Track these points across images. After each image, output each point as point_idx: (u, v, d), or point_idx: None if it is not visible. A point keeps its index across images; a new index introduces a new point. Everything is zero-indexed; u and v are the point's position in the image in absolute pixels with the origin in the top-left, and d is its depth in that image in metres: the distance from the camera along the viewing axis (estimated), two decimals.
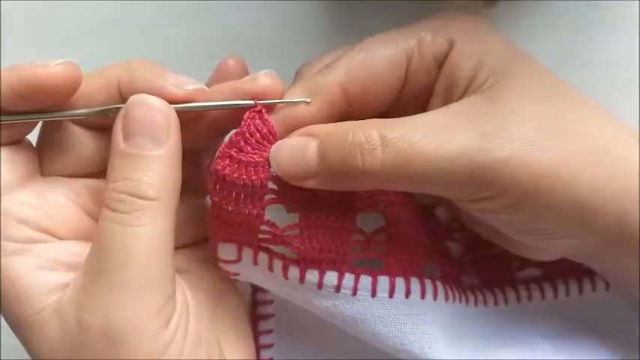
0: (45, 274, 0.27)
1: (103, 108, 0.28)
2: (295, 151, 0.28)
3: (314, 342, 0.35)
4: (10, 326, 0.28)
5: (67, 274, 0.27)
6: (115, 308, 0.26)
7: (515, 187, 0.26)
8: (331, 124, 0.28)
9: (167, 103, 0.27)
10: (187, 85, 0.28)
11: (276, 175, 0.28)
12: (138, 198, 0.26)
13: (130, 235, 0.26)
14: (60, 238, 0.28)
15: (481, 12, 0.37)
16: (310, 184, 0.28)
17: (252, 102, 0.28)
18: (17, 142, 0.29)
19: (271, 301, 0.35)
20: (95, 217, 0.30)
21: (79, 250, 0.28)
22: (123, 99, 0.28)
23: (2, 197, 0.27)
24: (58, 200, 0.29)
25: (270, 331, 0.35)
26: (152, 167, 0.27)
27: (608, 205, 0.28)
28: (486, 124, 0.27)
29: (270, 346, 0.35)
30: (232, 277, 0.32)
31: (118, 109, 0.27)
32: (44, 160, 0.29)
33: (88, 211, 0.30)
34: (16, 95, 0.27)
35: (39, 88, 0.26)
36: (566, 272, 0.35)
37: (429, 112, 0.28)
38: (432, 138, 0.26)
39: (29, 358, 0.28)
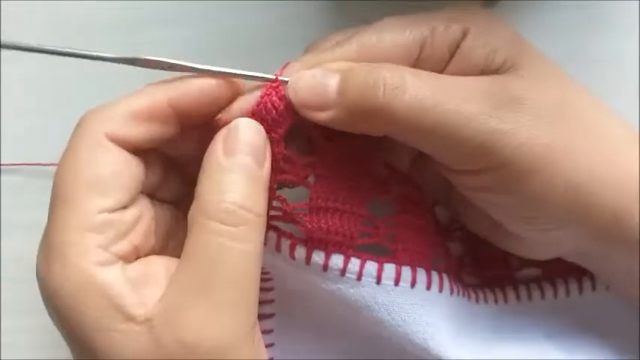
0: (133, 286, 0.26)
1: (131, 57, 0.28)
2: (316, 81, 0.27)
3: (314, 342, 0.35)
4: (73, 334, 0.26)
5: (149, 288, 0.26)
6: (219, 323, 0.25)
7: (515, 161, 0.27)
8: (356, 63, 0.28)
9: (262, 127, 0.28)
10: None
11: (288, 155, 0.29)
12: (247, 211, 0.26)
13: (240, 251, 0.26)
14: (142, 256, 0.28)
15: None
16: (324, 116, 0.27)
17: (272, 77, 0.28)
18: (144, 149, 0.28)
19: (272, 301, 0.35)
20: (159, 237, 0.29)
21: (156, 267, 0.27)
22: (176, 112, 0.28)
23: (119, 211, 0.27)
24: (149, 219, 0.29)
25: (270, 331, 0.35)
26: (255, 185, 0.27)
27: (607, 195, 0.28)
28: (502, 96, 0.27)
29: (270, 345, 0.35)
30: None
31: (146, 60, 0.28)
32: None
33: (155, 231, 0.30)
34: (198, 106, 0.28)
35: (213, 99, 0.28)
36: (565, 272, 0.35)
37: (452, 76, 0.28)
38: (454, 93, 0.27)
39: (29, 358, 0.28)
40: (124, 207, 0.27)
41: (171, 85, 0.28)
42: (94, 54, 0.28)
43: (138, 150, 0.28)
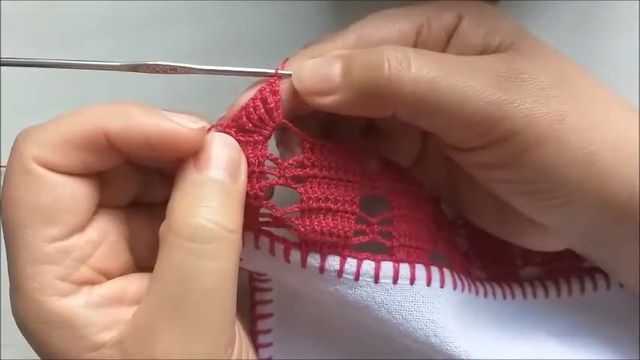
0: (97, 312, 0.25)
1: (133, 63, 0.27)
2: (319, 67, 0.27)
3: (313, 341, 0.35)
4: None
5: (116, 310, 0.26)
6: (189, 346, 0.24)
7: (523, 131, 0.27)
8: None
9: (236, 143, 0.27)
10: (189, 123, 0.26)
11: (275, 156, 0.28)
12: (218, 227, 0.25)
13: (210, 270, 0.25)
14: (109, 276, 0.27)
15: None
16: (331, 100, 0.27)
17: (272, 71, 0.28)
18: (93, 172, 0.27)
19: (270, 301, 0.35)
20: (132, 250, 0.28)
21: (124, 285, 0.27)
22: (114, 146, 0.26)
23: (70, 237, 0.25)
24: (113, 236, 0.27)
25: (269, 331, 0.35)
26: (229, 199, 0.26)
27: (621, 166, 0.28)
28: (505, 71, 0.27)
29: (269, 345, 0.35)
30: None
31: (149, 65, 0.27)
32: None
33: (129, 244, 0.28)
34: (147, 148, 0.25)
35: (172, 146, 0.26)
36: (567, 272, 0.35)
37: (454, 55, 0.29)
38: (458, 68, 0.27)
39: (29, 358, 0.28)
40: (79, 231, 0.25)
41: (111, 115, 0.25)
42: (96, 63, 0.28)
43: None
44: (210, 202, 0.25)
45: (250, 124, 0.28)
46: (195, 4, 0.39)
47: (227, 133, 0.27)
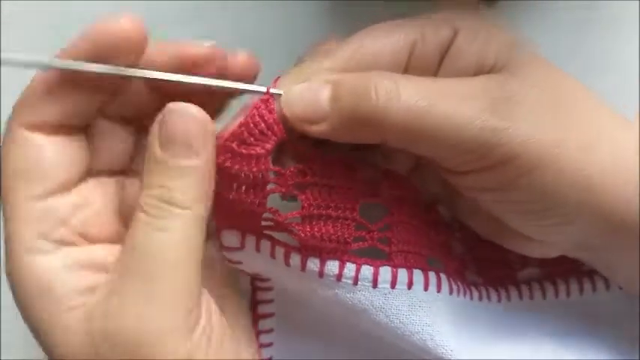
0: (73, 275, 0.27)
1: (116, 69, 0.27)
2: (308, 93, 0.27)
3: (314, 341, 0.35)
4: (29, 327, 0.27)
5: (94, 276, 0.27)
6: (144, 313, 0.25)
7: (519, 156, 0.26)
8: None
9: (205, 113, 0.27)
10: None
11: (278, 168, 0.28)
12: (171, 205, 0.26)
13: (162, 239, 0.26)
14: (91, 241, 0.28)
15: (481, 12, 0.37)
16: (321, 128, 0.27)
17: (263, 88, 0.28)
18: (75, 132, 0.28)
19: (271, 300, 0.35)
20: (124, 220, 0.29)
21: (107, 254, 0.28)
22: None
23: (51, 197, 0.27)
24: (99, 203, 0.29)
25: (270, 330, 0.35)
26: (187, 177, 0.26)
27: (619, 188, 0.28)
28: (499, 95, 0.27)
29: (269, 345, 0.35)
30: (235, 265, 0.31)
31: (136, 71, 0.27)
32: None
33: (120, 213, 0.30)
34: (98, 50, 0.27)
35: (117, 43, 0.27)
36: (566, 273, 0.35)
37: (446, 78, 0.28)
38: (450, 94, 0.26)
39: (29, 358, 0.28)
40: (62, 192, 0.27)
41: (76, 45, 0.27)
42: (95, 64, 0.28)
43: (75, 129, 0.28)
44: (165, 181, 0.26)
45: (252, 138, 0.28)
46: (195, 4, 0.39)
47: (228, 146, 0.27)
